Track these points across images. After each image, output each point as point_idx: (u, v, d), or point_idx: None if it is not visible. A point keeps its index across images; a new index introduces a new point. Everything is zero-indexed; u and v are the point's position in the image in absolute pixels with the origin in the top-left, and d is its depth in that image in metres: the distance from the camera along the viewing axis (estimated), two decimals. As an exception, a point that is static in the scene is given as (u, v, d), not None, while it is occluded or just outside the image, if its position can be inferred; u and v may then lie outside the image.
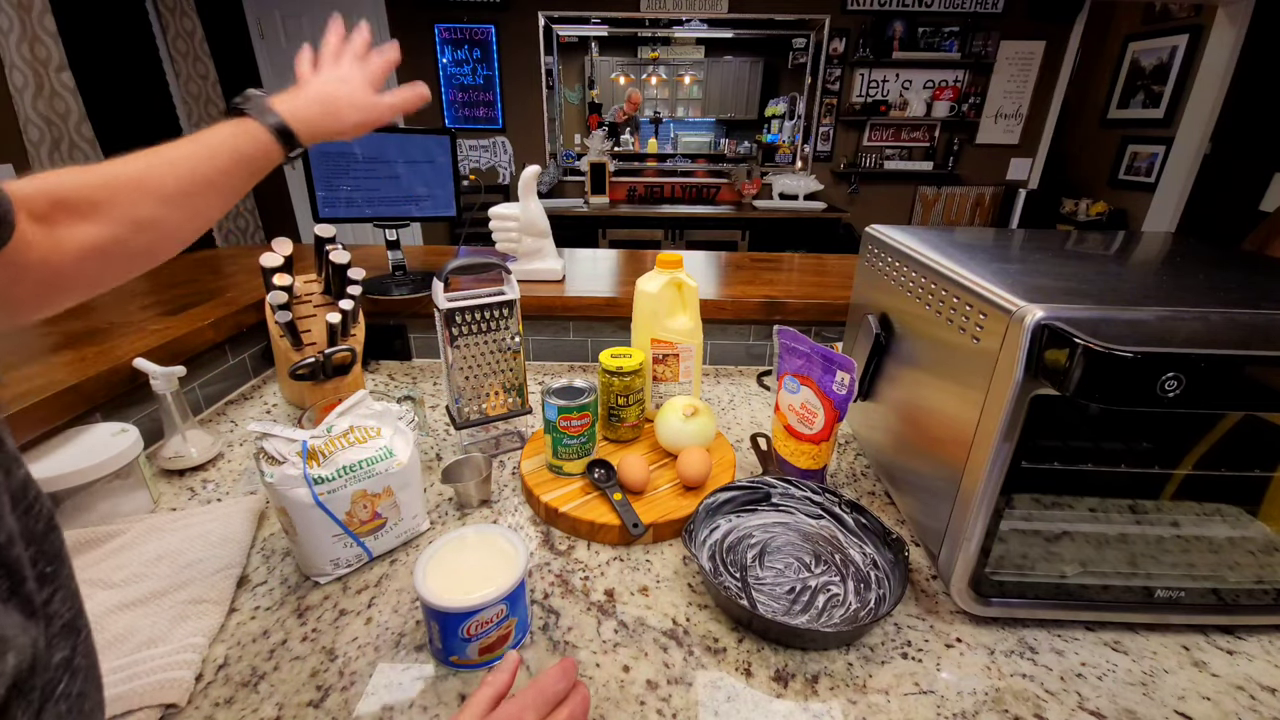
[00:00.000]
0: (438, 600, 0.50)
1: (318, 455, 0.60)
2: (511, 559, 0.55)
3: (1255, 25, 3.09)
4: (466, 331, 0.78)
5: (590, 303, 1.15)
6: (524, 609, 0.56)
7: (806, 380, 0.75)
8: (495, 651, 0.54)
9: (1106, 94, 3.97)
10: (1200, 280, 0.61)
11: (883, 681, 0.53)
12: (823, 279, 1.30)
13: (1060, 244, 0.76)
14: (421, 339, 1.21)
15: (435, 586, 0.51)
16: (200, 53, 3.60)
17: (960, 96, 4.04)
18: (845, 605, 0.61)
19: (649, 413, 0.90)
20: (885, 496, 0.80)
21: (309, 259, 1.26)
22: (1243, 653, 0.57)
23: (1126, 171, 3.86)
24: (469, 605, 0.50)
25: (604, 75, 4.35)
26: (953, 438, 0.59)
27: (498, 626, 0.53)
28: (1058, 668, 0.55)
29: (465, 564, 0.55)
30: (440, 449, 0.89)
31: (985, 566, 0.58)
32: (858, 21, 3.90)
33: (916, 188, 4.33)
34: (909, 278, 0.71)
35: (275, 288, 0.88)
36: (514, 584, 0.52)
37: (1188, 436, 0.55)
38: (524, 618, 0.56)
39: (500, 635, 0.53)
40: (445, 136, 1.15)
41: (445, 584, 0.52)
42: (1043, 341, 0.48)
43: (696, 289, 0.87)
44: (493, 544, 0.57)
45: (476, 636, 0.52)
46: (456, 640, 0.51)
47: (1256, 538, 0.57)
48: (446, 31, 3.93)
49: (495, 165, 3.94)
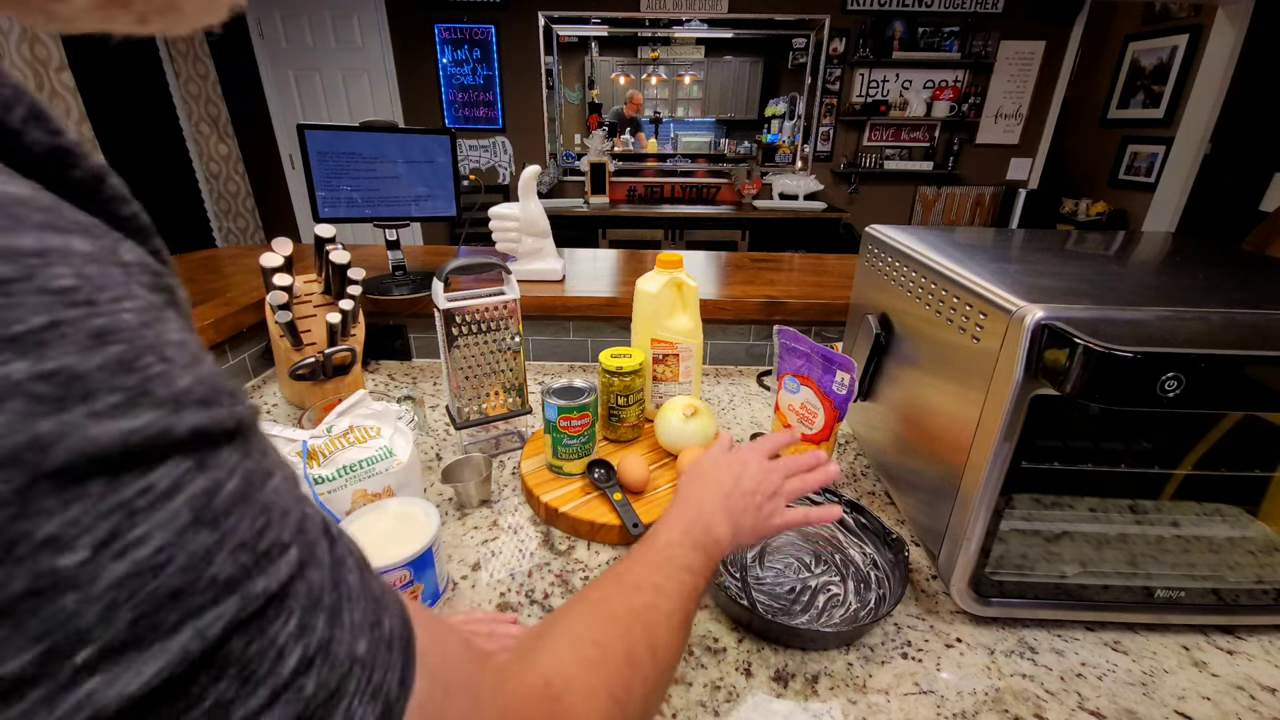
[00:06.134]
0: None
1: (318, 455, 0.60)
2: (424, 528, 0.58)
3: (1255, 25, 3.09)
4: (466, 331, 0.78)
5: (590, 303, 1.15)
6: (432, 576, 0.59)
7: (806, 380, 0.75)
8: None
9: (1106, 94, 3.97)
10: (1200, 280, 0.61)
11: (883, 681, 0.53)
12: (823, 279, 1.30)
13: (1060, 244, 0.76)
14: (421, 339, 1.21)
15: None
16: (200, 53, 3.60)
17: (960, 96, 4.04)
18: (845, 605, 0.61)
19: (649, 413, 0.90)
20: (885, 496, 0.80)
21: (309, 259, 1.26)
22: (1243, 653, 0.57)
23: (1126, 171, 3.86)
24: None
25: (604, 75, 4.35)
26: (953, 438, 0.59)
27: (401, 590, 0.55)
28: (1058, 668, 0.55)
29: (380, 531, 0.58)
30: (440, 449, 0.89)
31: (985, 566, 0.58)
32: (858, 21, 3.90)
33: (916, 188, 4.33)
34: (909, 278, 0.71)
35: (275, 288, 0.88)
36: (419, 551, 0.55)
37: (1187, 436, 0.55)
38: (432, 584, 0.59)
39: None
40: (445, 136, 1.15)
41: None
42: (1043, 341, 0.48)
43: (696, 289, 0.87)
44: (410, 515, 0.60)
45: None
46: None
47: (1256, 538, 0.57)
48: (446, 31, 3.92)
49: (495, 165, 3.94)
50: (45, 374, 0.13)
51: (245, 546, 0.16)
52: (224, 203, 3.92)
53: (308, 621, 0.17)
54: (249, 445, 0.18)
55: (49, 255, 0.14)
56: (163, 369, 0.15)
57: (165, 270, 0.18)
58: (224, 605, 0.15)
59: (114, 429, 0.14)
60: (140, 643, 0.14)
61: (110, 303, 0.15)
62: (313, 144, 1.04)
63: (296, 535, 0.18)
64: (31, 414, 0.13)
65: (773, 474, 0.53)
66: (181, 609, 0.15)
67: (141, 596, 0.14)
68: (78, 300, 0.14)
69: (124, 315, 0.15)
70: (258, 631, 0.16)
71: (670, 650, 0.36)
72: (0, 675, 0.12)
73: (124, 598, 0.14)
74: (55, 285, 0.14)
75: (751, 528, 0.50)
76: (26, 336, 0.13)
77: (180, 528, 0.15)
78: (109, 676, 0.13)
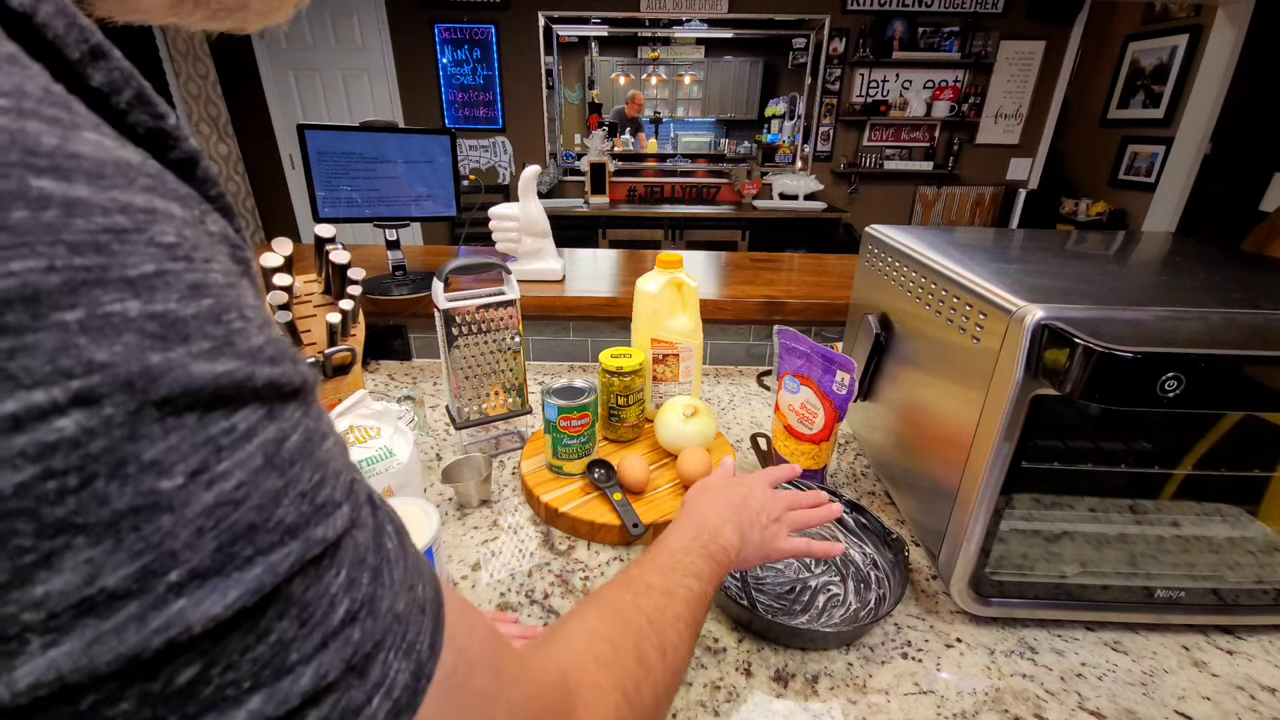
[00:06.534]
0: None
1: (318, 455, 0.60)
2: (424, 528, 0.57)
3: (1255, 25, 3.09)
4: (466, 331, 0.78)
5: (590, 303, 1.15)
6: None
7: (806, 380, 0.75)
8: None
9: (1106, 94, 3.97)
10: (1200, 280, 0.61)
11: (883, 681, 0.53)
12: (823, 279, 1.30)
13: (1060, 244, 0.76)
14: (421, 339, 1.21)
15: None
16: (200, 53, 3.60)
17: (960, 96, 4.04)
18: (845, 605, 0.61)
19: (649, 413, 0.90)
20: (885, 496, 0.80)
21: (309, 259, 1.26)
22: (1243, 653, 0.57)
23: (1126, 171, 3.86)
24: None
25: (604, 75, 4.35)
26: (953, 438, 0.59)
27: None
28: (1058, 668, 0.55)
29: None
30: (440, 449, 0.89)
31: (985, 566, 0.58)
32: (858, 21, 3.90)
33: (916, 188, 4.33)
34: (909, 278, 0.71)
35: (275, 288, 0.88)
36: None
37: (1187, 436, 0.55)
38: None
39: None
40: (445, 136, 1.15)
41: None
42: (1043, 341, 0.48)
43: (696, 289, 0.87)
44: (410, 515, 0.59)
45: None
46: None
47: (1256, 538, 0.57)
48: (446, 31, 3.93)
49: (495, 165, 3.94)
50: (155, 314, 0.14)
51: (305, 496, 0.17)
52: (224, 203, 3.92)
53: (355, 576, 0.19)
54: (309, 406, 0.19)
55: (156, 214, 0.15)
56: (242, 325, 0.17)
57: (244, 245, 0.20)
58: (290, 546, 0.17)
59: (209, 370, 0.15)
60: (222, 570, 0.15)
61: (203, 262, 0.16)
62: (313, 144, 1.04)
63: (347, 495, 0.19)
64: (144, 347, 0.14)
65: (776, 501, 0.55)
66: (255, 544, 0.16)
67: (225, 526, 0.15)
68: (178, 255, 0.15)
69: (214, 274, 0.16)
70: (315, 578, 0.17)
71: (679, 653, 0.37)
72: (101, 587, 0.13)
73: (210, 525, 0.15)
74: (162, 240, 0.15)
75: (758, 544, 0.51)
76: (140, 280, 0.14)
77: (256, 469, 0.16)
78: (195, 599, 0.14)
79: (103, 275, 0.14)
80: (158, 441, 0.14)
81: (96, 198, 0.14)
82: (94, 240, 0.14)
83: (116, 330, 0.13)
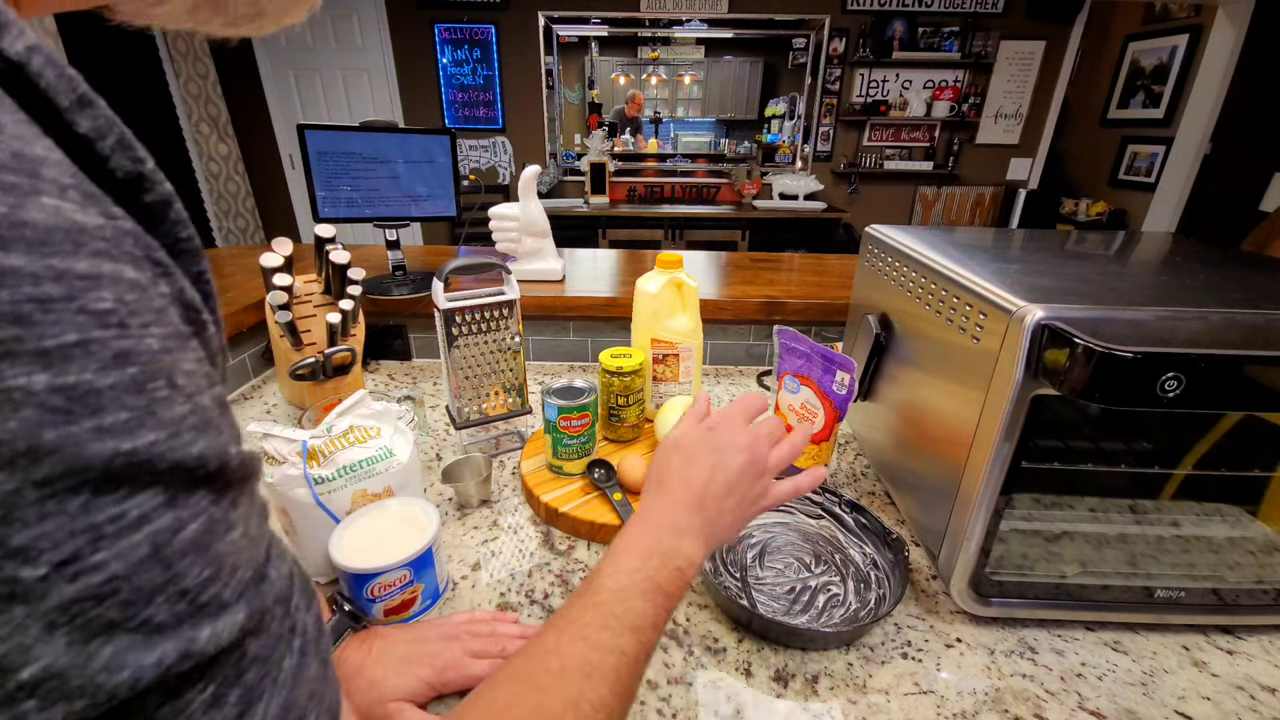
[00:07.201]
0: (344, 561, 0.53)
1: (318, 455, 0.60)
2: (424, 528, 0.58)
3: (1255, 25, 3.09)
4: (466, 331, 0.78)
5: (590, 303, 1.15)
6: (432, 576, 0.59)
7: (806, 380, 0.75)
8: (400, 615, 0.57)
9: (1106, 94, 3.97)
10: (1200, 280, 0.61)
11: (883, 681, 0.53)
12: (823, 279, 1.30)
13: (1060, 244, 0.76)
14: (421, 339, 1.21)
15: (348, 548, 0.55)
16: (200, 53, 3.60)
17: (960, 96, 4.04)
18: (845, 605, 0.61)
19: (649, 413, 0.90)
20: (885, 496, 0.80)
21: (309, 259, 1.26)
22: (1243, 653, 0.57)
23: (1126, 171, 3.86)
24: (372, 568, 0.53)
25: (604, 75, 4.35)
26: (953, 438, 0.59)
27: (401, 590, 0.56)
28: (1058, 668, 0.55)
29: (381, 531, 0.58)
30: (440, 449, 0.89)
31: (985, 566, 0.58)
32: (858, 21, 3.90)
33: (916, 188, 4.33)
34: (909, 278, 0.71)
35: (275, 288, 0.88)
36: (419, 551, 0.55)
37: (1187, 436, 0.55)
38: (432, 584, 0.59)
39: (405, 599, 0.57)
40: (445, 136, 1.15)
41: (358, 547, 0.56)
42: (1043, 341, 0.48)
43: (696, 289, 0.87)
44: (410, 515, 0.60)
45: (380, 598, 0.55)
46: (362, 600, 0.54)
47: (1256, 538, 0.57)
48: (446, 31, 3.93)
49: (495, 165, 3.94)
50: (63, 387, 0.14)
51: (185, 595, 0.16)
52: (224, 203, 3.92)
53: (223, 694, 0.17)
54: (223, 492, 0.18)
55: (99, 279, 0.15)
56: (168, 394, 0.16)
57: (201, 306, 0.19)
58: (159, 648, 0.15)
59: (110, 447, 0.14)
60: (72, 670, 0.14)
61: (140, 328, 0.16)
62: (313, 144, 1.04)
63: (243, 595, 0.18)
64: (40, 423, 0.13)
65: (757, 447, 0.47)
66: (114, 644, 0.15)
67: (79, 623, 0.14)
68: (110, 322, 0.15)
69: (148, 340, 0.16)
70: (174, 693, 0.16)
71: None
72: None
73: (63, 621, 0.14)
74: (94, 307, 0.15)
75: (731, 524, 0.46)
76: (56, 351, 0.14)
77: (137, 561, 0.15)
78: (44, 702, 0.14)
79: (15, 347, 0.13)
80: (31, 526, 0.13)
81: (31, 266, 0.13)
82: (14, 311, 0.13)
83: (15, 405, 0.13)
